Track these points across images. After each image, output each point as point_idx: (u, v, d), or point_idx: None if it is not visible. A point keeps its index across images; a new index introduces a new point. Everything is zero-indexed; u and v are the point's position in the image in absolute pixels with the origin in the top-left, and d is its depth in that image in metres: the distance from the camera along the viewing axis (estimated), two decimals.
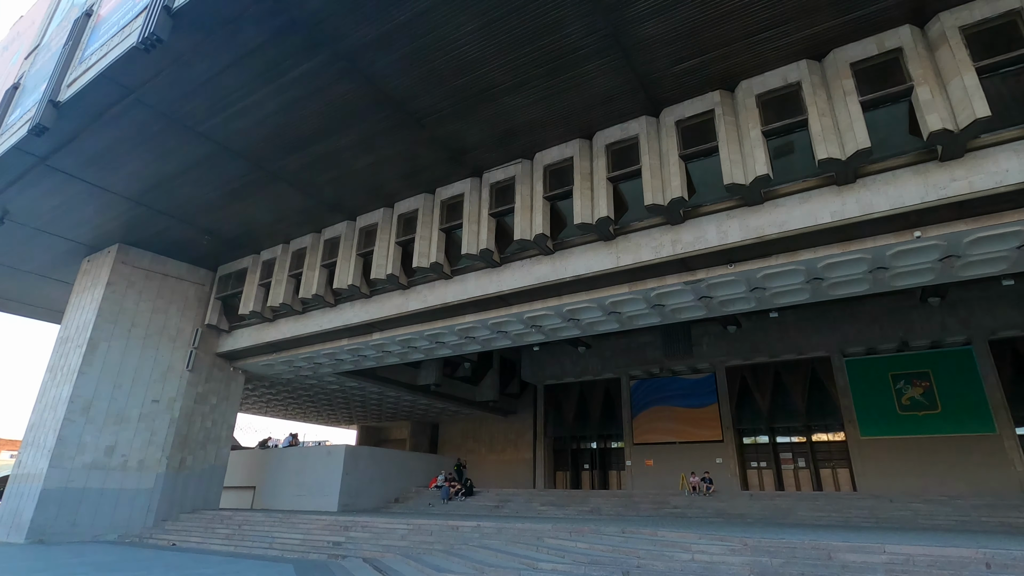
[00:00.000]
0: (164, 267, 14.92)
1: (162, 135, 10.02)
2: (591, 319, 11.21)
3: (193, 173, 11.17)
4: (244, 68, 8.41)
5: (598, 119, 9.54)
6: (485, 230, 10.48)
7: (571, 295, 10.44)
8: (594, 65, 8.27)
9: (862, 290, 9.46)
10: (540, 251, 10.22)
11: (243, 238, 14.18)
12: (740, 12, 7.43)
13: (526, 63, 8.28)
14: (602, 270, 9.63)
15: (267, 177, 11.31)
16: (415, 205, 11.77)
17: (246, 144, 10.26)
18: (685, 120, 8.92)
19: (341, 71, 8.42)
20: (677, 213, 8.82)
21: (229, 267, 15.47)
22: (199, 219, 13.12)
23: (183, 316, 15.04)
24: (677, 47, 7.96)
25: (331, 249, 13.14)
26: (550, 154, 10.18)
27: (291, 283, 13.67)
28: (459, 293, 11.22)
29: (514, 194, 10.38)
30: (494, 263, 10.69)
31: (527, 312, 11.08)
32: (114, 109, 9.41)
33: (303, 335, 13.78)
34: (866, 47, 7.68)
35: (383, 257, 11.88)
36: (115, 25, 9.02)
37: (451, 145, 10.21)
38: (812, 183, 8.13)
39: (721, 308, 10.51)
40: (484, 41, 7.91)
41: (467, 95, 8.98)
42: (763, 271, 8.90)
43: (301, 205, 12.48)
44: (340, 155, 10.55)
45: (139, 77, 8.70)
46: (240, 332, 15.28)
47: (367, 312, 12.62)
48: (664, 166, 8.82)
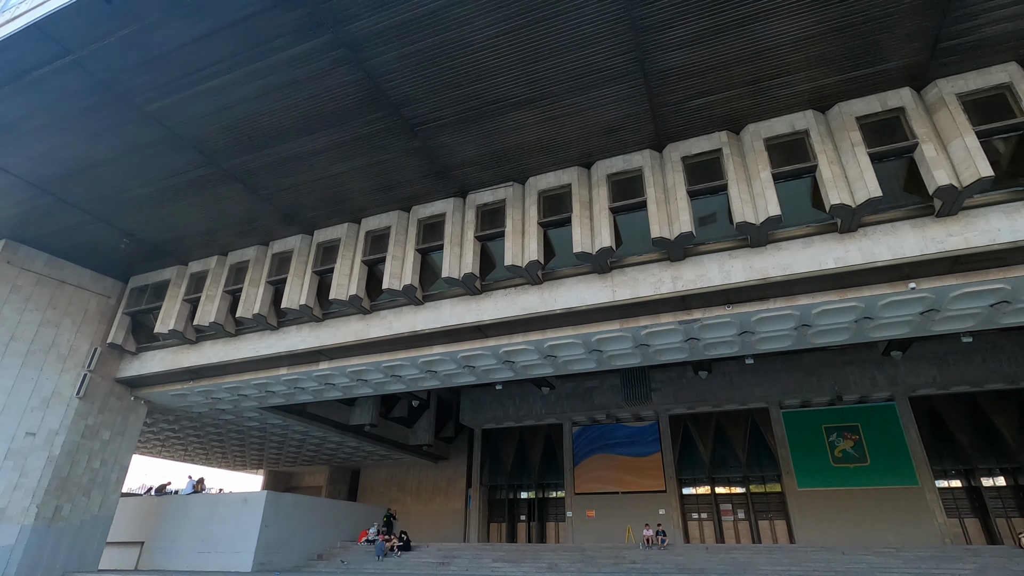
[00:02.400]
0: (62, 272, 12.54)
1: (98, 110, 8.41)
2: (570, 357, 10.57)
3: (127, 161, 9.49)
4: (223, 41, 7.25)
5: (599, 148, 9.24)
6: (470, 254, 9.67)
7: (557, 329, 9.79)
8: (612, 89, 7.99)
9: (841, 340, 9.63)
10: (528, 280, 9.55)
11: (170, 245, 12.28)
12: (758, 57, 7.49)
13: (543, 79, 7.84)
14: (595, 304, 9.11)
15: (218, 175, 9.85)
16: (387, 222, 10.74)
17: (202, 133, 8.87)
18: (691, 157, 8.82)
19: (339, 60, 7.50)
20: (681, 249, 8.57)
21: (145, 278, 13.31)
22: (121, 218, 11.18)
23: (79, 332, 12.61)
24: (696, 81, 7.88)
25: (280, 265, 11.65)
26: (546, 179, 9.69)
27: (226, 300, 11.91)
28: (431, 321, 10.21)
29: (504, 218, 9.71)
30: (475, 290, 9.85)
31: (505, 346, 10.26)
32: (41, 71, 7.77)
33: (233, 361, 11.94)
34: (870, 103, 8.02)
35: (345, 276, 10.63)
36: None
37: (441, 160, 9.44)
38: (813, 229, 8.20)
39: (704, 351, 10.30)
40: (504, 49, 7.38)
41: (471, 106, 8.35)
42: (759, 314, 8.79)
43: (251, 212, 11.01)
44: (312, 158, 9.41)
45: (85, 35, 7.24)
46: (150, 355, 13.04)
47: (316, 337, 11.18)
48: (670, 200, 8.60)
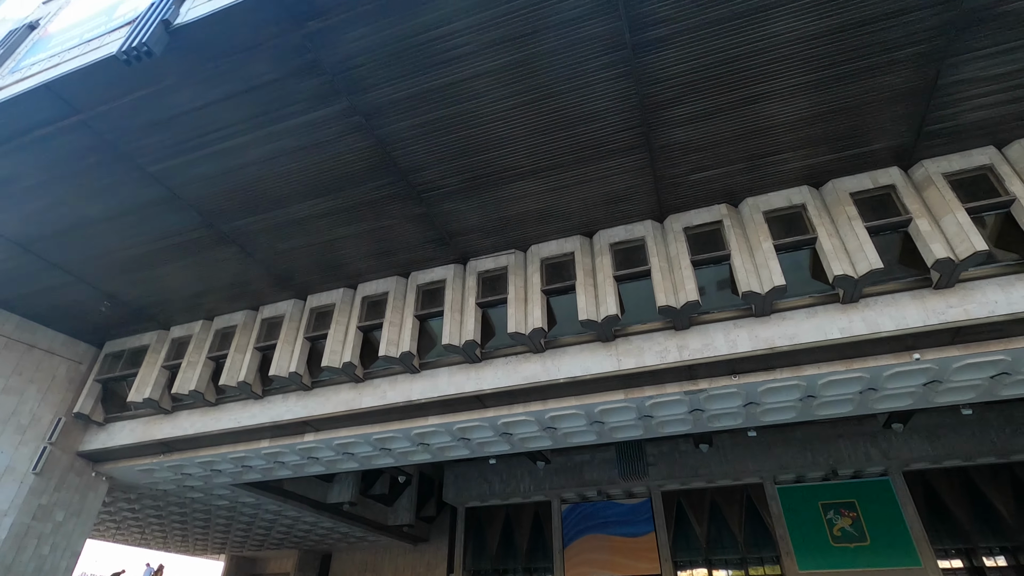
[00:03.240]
0: (32, 336, 11.87)
1: (98, 170, 8.28)
2: (571, 429, 10.21)
3: (121, 221, 9.26)
4: (238, 105, 7.32)
5: (602, 218, 9.39)
6: (471, 320, 9.48)
7: (559, 400, 9.49)
8: (617, 162, 8.24)
9: (845, 412, 9.54)
10: (530, 348, 9.35)
11: (153, 308, 11.81)
12: (755, 135, 7.88)
13: (551, 150, 8.05)
14: (600, 373, 8.91)
15: (214, 237, 9.66)
16: (385, 288, 10.56)
17: (203, 194, 8.77)
18: (693, 228, 9.02)
19: (352, 127, 7.60)
20: (687, 318, 8.55)
21: (122, 343, 12.68)
22: (105, 280, 10.77)
23: (43, 400, 11.77)
24: (697, 156, 8.19)
25: (270, 330, 11.24)
26: (548, 247, 9.75)
27: (209, 367, 11.35)
28: (427, 390, 9.82)
29: (506, 285, 9.64)
30: (475, 358, 9.58)
31: (504, 417, 9.86)
32: (45, 130, 7.69)
33: (211, 432, 11.20)
34: (861, 181, 8.40)
35: (339, 343, 10.27)
36: (71, 40, 7.66)
37: (444, 226, 9.45)
38: (816, 299, 8.30)
39: (707, 423, 10.06)
40: (515, 121, 7.61)
41: (478, 175, 8.48)
42: (765, 385, 8.68)
43: (243, 276, 10.74)
44: (313, 222, 9.33)
45: (97, 96, 7.24)
46: (119, 426, 12.18)
47: (304, 407, 10.61)
48: (674, 269, 8.67)
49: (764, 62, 6.87)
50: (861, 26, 6.46)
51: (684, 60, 6.79)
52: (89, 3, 8.38)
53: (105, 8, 7.80)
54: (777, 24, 6.44)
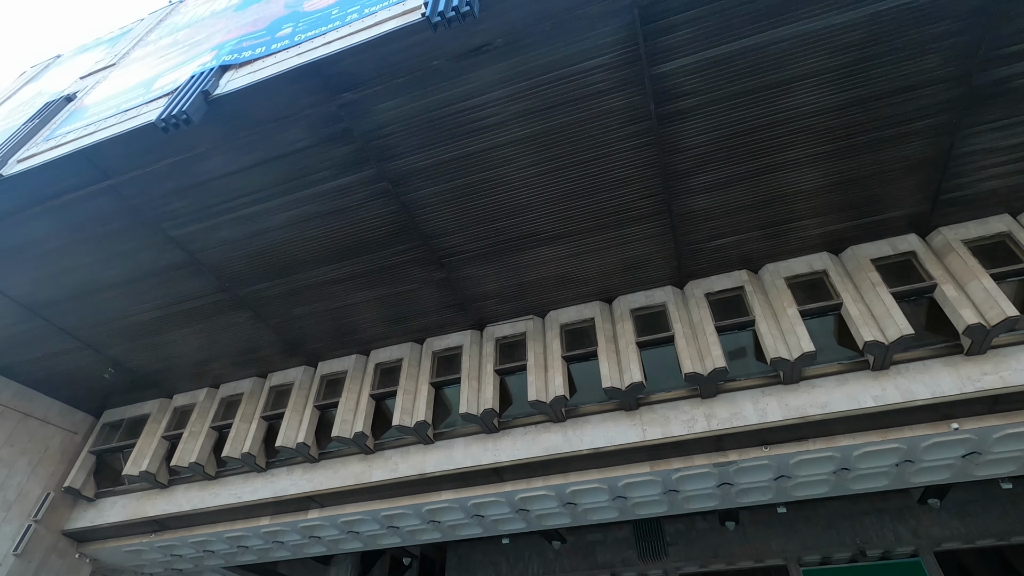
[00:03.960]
0: (29, 404, 11.44)
1: (121, 234, 8.30)
2: (592, 504, 9.65)
3: (137, 285, 9.18)
4: (266, 172, 7.44)
5: (621, 284, 9.37)
6: (489, 388, 9.20)
7: (581, 473, 9.03)
8: (639, 228, 8.31)
9: (881, 486, 9.09)
10: (551, 418, 9.02)
11: (158, 376, 11.48)
12: (773, 203, 8.01)
13: (573, 216, 8.14)
14: (625, 444, 8.54)
15: (229, 302, 9.55)
16: (399, 354, 10.34)
17: (223, 259, 8.74)
18: (715, 294, 8.97)
19: (379, 192, 7.71)
20: (714, 386, 8.31)
21: (121, 412, 12.23)
22: (113, 346, 10.53)
23: (33, 474, 11.16)
24: (717, 223, 8.28)
25: (278, 398, 10.88)
26: (567, 313, 9.64)
27: (211, 437, 10.88)
28: (442, 462, 9.36)
29: (525, 351, 9.45)
30: (493, 428, 9.22)
31: (522, 492, 9.34)
32: (73, 195, 7.76)
33: (209, 509, 10.55)
34: (880, 247, 8.46)
35: (350, 412, 9.91)
36: (107, 110, 7.89)
37: (464, 291, 9.39)
38: (845, 366, 8.11)
39: (735, 498, 9.57)
40: (540, 188, 7.74)
41: (499, 240, 8.53)
42: (797, 457, 8.31)
43: (254, 342, 10.53)
44: (331, 287, 9.27)
45: (129, 162, 7.36)
46: (110, 502, 11.49)
47: (310, 481, 10.07)
48: (699, 335, 8.54)
49: (783, 133, 7.09)
50: (877, 100, 6.72)
51: (706, 130, 7.00)
52: (127, 78, 8.73)
53: (143, 81, 8.10)
54: (796, 97, 6.69)
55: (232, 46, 7.48)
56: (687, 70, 6.40)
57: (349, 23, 6.61)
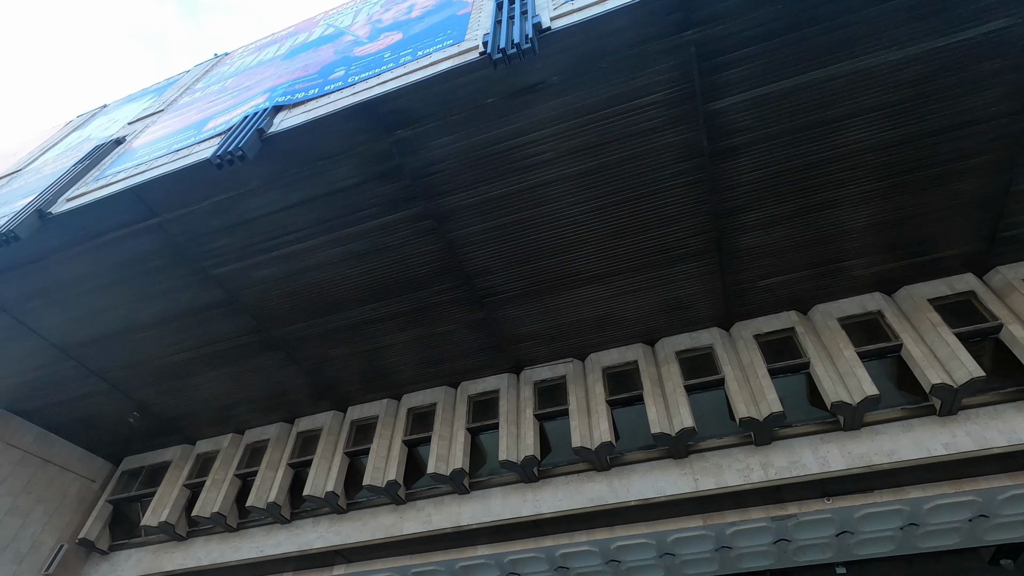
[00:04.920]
0: (50, 450, 11.12)
1: (162, 272, 8.25)
2: (637, 562, 9.01)
3: (171, 325, 9.05)
4: (313, 209, 7.43)
5: (665, 325, 9.11)
6: (530, 433, 8.80)
7: (628, 526, 8.47)
8: (685, 267, 8.14)
9: (951, 543, 8.44)
10: (595, 466, 8.57)
11: (181, 420, 11.17)
12: (824, 242, 7.84)
13: (620, 255, 8.01)
14: (675, 495, 8.05)
15: (263, 343, 9.37)
16: (433, 399, 10.01)
17: (262, 298, 8.64)
18: (764, 335, 8.67)
19: (425, 230, 7.64)
20: (769, 432, 7.88)
21: (141, 459, 11.85)
22: (140, 389, 10.31)
23: (48, 524, 10.70)
24: (768, 262, 8.10)
25: (305, 445, 10.50)
26: (609, 356, 9.34)
27: (235, 486, 10.44)
28: (479, 514, 8.85)
29: (566, 395, 9.11)
30: (532, 477, 8.76)
31: (563, 547, 8.76)
32: (118, 233, 7.76)
33: (228, 564, 9.98)
34: (936, 287, 8.19)
35: (382, 459, 9.49)
36: (157, 151, 8.00)
37: (501, 332, 9.16)
38: (908, 412, 7.69)
39: (792, 557, 8.92)
40: (587, 226, 7.65)
41: (542, 280, 8.37)
42: (863, 510, 7.76)
43: (283, 385, 10.27)
44: (368, 328, 9.08)
45: (178, 199, 7.39)
46: (125, 555, 10.94)
47: (337, 534, 9.54)
48: (751, 379, 8.19)
49: (836, 170, 7.00)
50: (932, 136, 6.65)
51: (759, 167, 6.94)
52: (176, 121, 8.92)
53: (194, 123, 8.26)
54: (850, 134, 6.64)
55: (284, 88, 7.64)
56: (741, 106, 6.40)
57: (403, 64, 6.72)
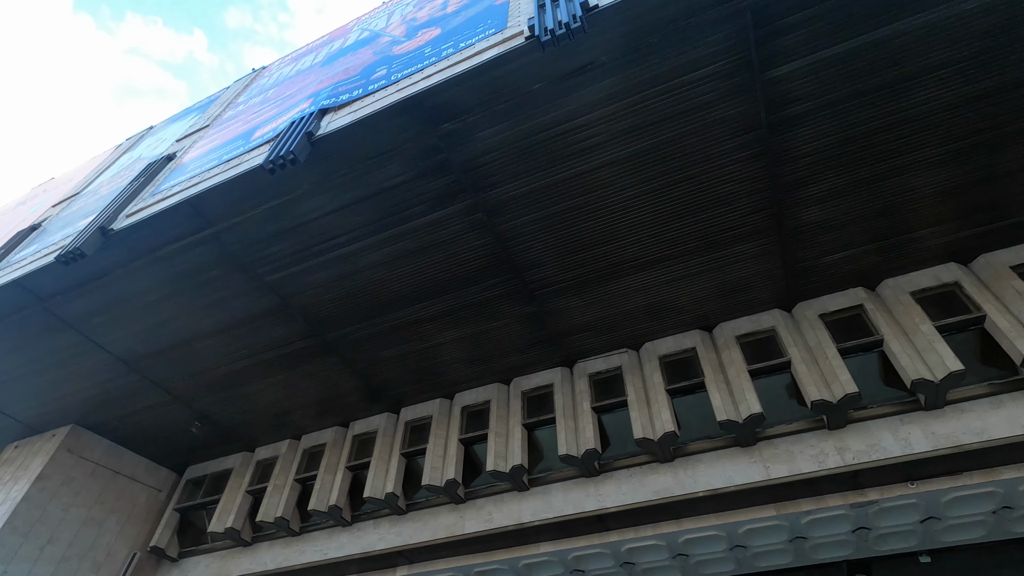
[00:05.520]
0: (119, 462, 11.50)
1: (218, 282, 8.40)
2: (706, 555, 8.72)
3: (228, 334, 9.22)
4: (363, 209, 7.44)
5: (722, 309, 8.81)
6: (589, 427, 8.63)
7: (696, 518, 8.21)
8: (743, 248, 7.84)
9: None
10: (658, 458, 8.33)
11: (240, 428, 11.40)
12: (894, 211, 7.43)
13: (672, 239, 7.76)
14: (745, 484, 7.73)
15: (317, 348, 9.46)
16: (486, 396, 9.94)
17: (314, 302, 8.71)
18: (830, 314, 8.29)
19: (474, 224, 7.57)
20: (844, 415, 7.51)
21: (203, 468, 12.15)
22: (200, 398, 10.56)
23: (121, 533, 11.05)
24: (831, 237, 7.73)
25: (361, 447, 10.57)
26: (665, 344, 9.10)
27: (295, 491, 10.58)
28: (540, 510, 8.71)
29: (623, 386, 8.90)
30: (593, 471, 8.57)
31: (628, 542, 8.54)
32: (176, 245, 7.94)
33: (293, 567, 10.10)
34: (1020, 253, 7.67)
35: (439, 458, 9.46)
36: (208, 163, 8.15)
37: (553, 325, 9.02)
38: (996, 387, 7.20)
39: (872, 546, 8.47)
40: (640, 210, 7.43)
41: (593, 269, 8.19)
42: (951, 494, 7.31)
43: (336, 389, 10.36)
44: (420, 327, 9.07)
45: (232, 208, 7.50)
46: (193, 561, 11.21)
47: (398, 535, 9.54)
48: (820, 360, 7.82)
49: (904, 133, 6.62)
50: (1011, 91, 6.22)
51: (821, 136, 6.61)
52: (223, 134, 9.10)
53: (242, 134, 8.39)
54: (919, 94, 6.26)
55: (328, 91, 7.69)
56: (801, 73, 6.10)
57: (445, 57, 6.66)
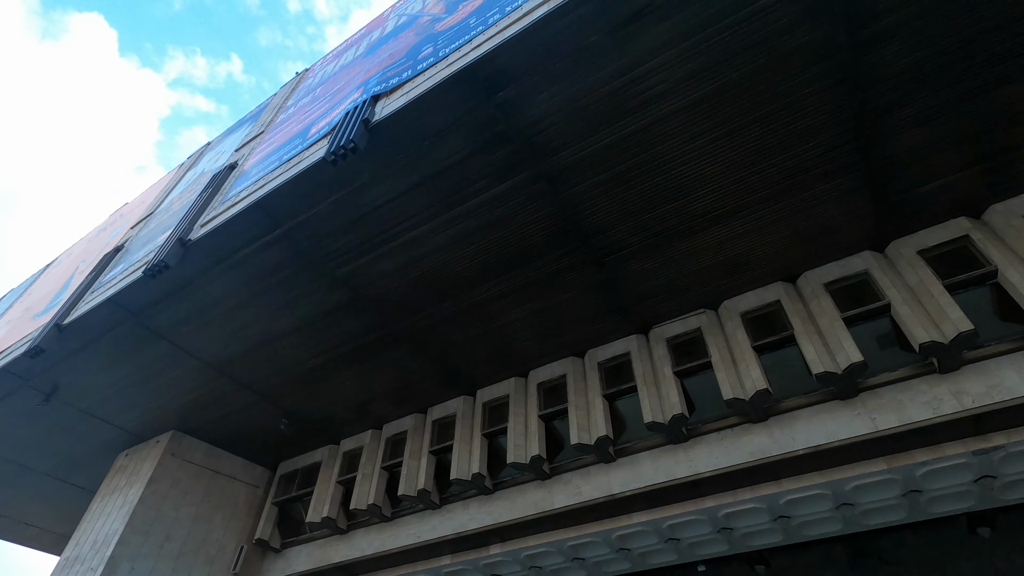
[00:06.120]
0: (218, 462, 12.16)
1: (291, 281, 8.61)
2: (809, 516, 8.32)
3: (305, 332, 9.47)
4: (424, 192, 7.38)
5: (805, 257, 8.27)
6: (673, 392, 8.36)
7: (796, 478, 7.81)
8: (826, 187, 7.28)
9: None
10: (749, 418, 7.97)
11: (323, 423, 11.80)
12: (999, 126, 6.69)
13: (747, 187, 7.30)
14: (850, 438, 7.27)
15: (389, 338, 9.59)
16: (561, 371, 9.82)
17: (384, 292, 8.79)
18: (929, 250, 7.63)
19: (536, 194, 7.37)
20: (957, 356, 6.90)
21: (294, 463, 12.69)
22: (285, 397, 10.97)
23: (227, 528, 11.72)
24: (927, 165, 7.06)
25: (442, 432, 10.71)
26: (745, 300, 8.67)
27: (383, 478, 10.86)
28: (630, 480, 8.54)
29: (705, 348, 8.56)
30: (682, 436, 8.31)
31: (725, 507, 8.25)
32: (249, 248, 8.16)
33: (389, 551, 10.39)
34: None
35: (521, 436, 9.44)
36: (269, 166, 8.31)
37: (626, 291, 8.75)
38: None
39: (998, 495, 7.86)
40: (708, 159, 7.02)
41: (664, 227, 7.84)
42: None
43: (410, 377, 10.50)
44: (488, 307, 9.01)
45: (297, 206, 7.62)
46: (296, 551, 11.75)
47: (488, 514, 9.62)
48: (924, 299, 7.22)
49: (1011, 35, 5.90)
50: None
51: (912, 51, 5.99)
52: (279, 137, 9.26)
53: (298, 133, 8.51)
54: None
55: (377, 78, 7.65)
56: None
57: (493, 24, 6.45)
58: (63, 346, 9.61)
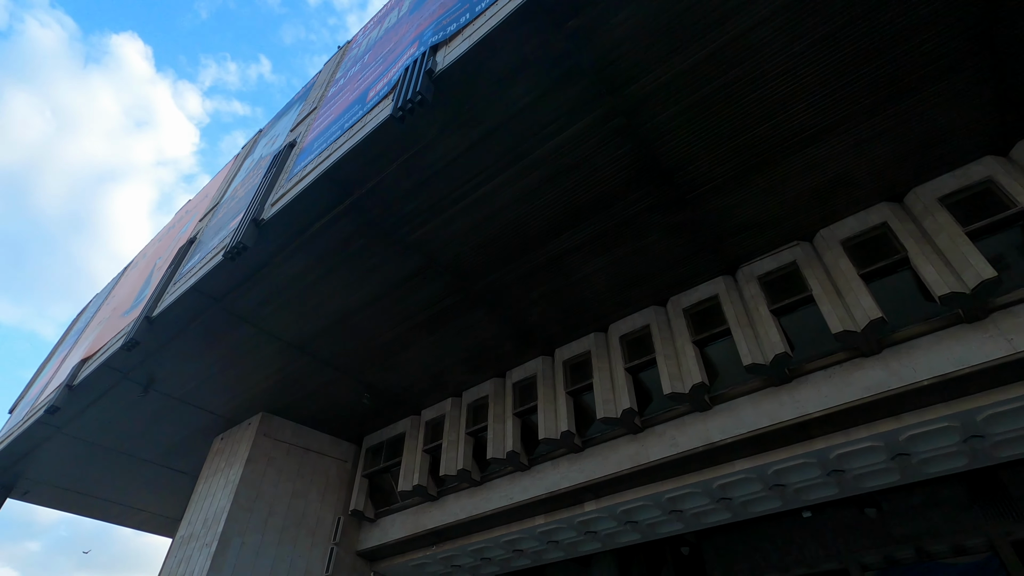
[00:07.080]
0: (307, 440, 12.53)
1: (363, 253, 8.52)
2: (931, 452, 7.70)
3: (381, 303, 9.43)
4: (490, 146, 7.04)
5: (912, 171, 7.49)
6: (773, 331, 7.83)
7: (919, 411, 7.20)
8: (941, 86, 6.47)
9: None
10: (861, 351, 7.38)
11: (403, 394, 11.90)
12: None
13: (848, 95, 6.58)
14: (982, 363, 6.59)
15: (465, 302, 9.43)
16: (643, 321, 9.43)
17: (457, 255, 8.59)
18: None
19: (612, 132, 6.90)
20: None
21: (379, 435, 12.93)
22: (364, 371, 11.08)
23: (323, 501, 12.11)
24: None
25: (523, 393, 10.58)
26: (845, 226, 7.98)
27: (469, 443, 10.89)
28: (730, 427, 8.16)
29: (804, 282, 7.96)
30: (784, 377, 7.81)
31: (837, 448, 7.75)
32: (320, 222, 8.09)
33: (482, 514, 10.46)
34: None
35: (608, 391, 9.17)
36: (332, 135, 8.13)
37: (711, 230, 8.22)
38: None
39: None
40: (802, 71, 6.34)
41: (753, 154, 7.23)
42: None
43: (490, 340, 10.36)
44: (564, 260, 8.68)
45: (366, 172, 7.45)
46: (389, 520, 12.05)
47: (580, 471, 9.46)
48: None
49: None
50: None
51: None
52: (335, 109, 9.08)
53: (355, 100, 8.29)
54: None
55: (432, 28, 7.28)
56: None
57: None
58: (154, 338, 9.96)
